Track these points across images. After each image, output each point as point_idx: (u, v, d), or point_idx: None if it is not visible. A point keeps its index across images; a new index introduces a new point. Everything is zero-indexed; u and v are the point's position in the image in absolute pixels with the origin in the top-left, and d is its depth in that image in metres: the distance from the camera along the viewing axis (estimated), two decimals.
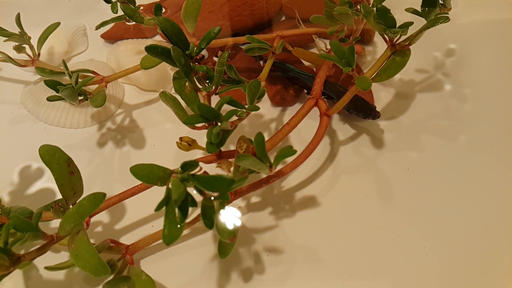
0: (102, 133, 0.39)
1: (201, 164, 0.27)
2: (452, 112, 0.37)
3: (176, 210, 0.26)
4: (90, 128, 0.39)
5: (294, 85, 0.39)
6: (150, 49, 0.31)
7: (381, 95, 0.38)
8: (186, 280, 0.31)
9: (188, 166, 0.27)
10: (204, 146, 0.32)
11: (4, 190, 0.36)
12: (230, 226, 0.27)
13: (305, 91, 0.39)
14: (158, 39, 0.44)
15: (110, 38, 0.44)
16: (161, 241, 0.32)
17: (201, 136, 0.32)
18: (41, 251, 0.28)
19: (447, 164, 0.35)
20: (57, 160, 0.30)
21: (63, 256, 0.33)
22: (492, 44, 0.40)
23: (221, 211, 0.28)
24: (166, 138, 0.38)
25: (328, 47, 0.40)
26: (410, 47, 0.34)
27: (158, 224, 0.34)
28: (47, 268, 0.28)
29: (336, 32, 0.37)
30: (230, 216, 0.28)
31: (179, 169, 0.27)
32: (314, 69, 0.41)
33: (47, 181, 0.36)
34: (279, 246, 0.32)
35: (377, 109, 0.37)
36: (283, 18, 0.45)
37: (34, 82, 0.41)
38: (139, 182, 0.35)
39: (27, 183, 0.36)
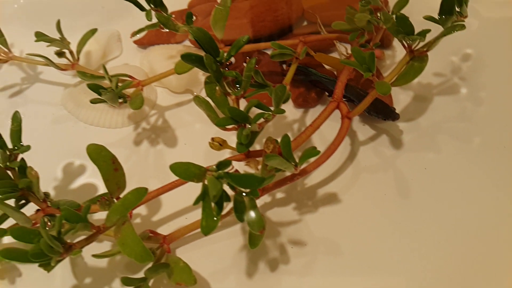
0: (138, 133, 0.42)
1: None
2: (468, 115, 0.39)
3: (212, 204, 0.30)
4: (127, 128, 0.43)
5: (315, 88, 0.42)
6: (185, 57, 0.34)
7: (400, 98, 0.41)
8: (218, 268, 0.35)
9: (222, 165, 0.30)
10: (233, 146, 0.35)
11: (49, 185, 0.40)
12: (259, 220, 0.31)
13: (327, 93, 0.42)
14: (188, 44, 0.48)
15: (143, 43, 0.48)
16: (195, 231, 0.36)
17: (228, 136, 0.35)
18: (89, 240, 0.32)
19: (463, 165, 0.37)
20: (103, 158, 0.33)
21: (103, 245, 0.37)
22: (506, 50, 0.42)
23: (251, 205, 0.31)
24: (196, 137, 0.42)
25: (349, 51, 0.43)
26: (428, 52, 0.36)
27: (191, 216, 0.37)
28: (94, 255, 0.32)
29: (357, 38, 0.40)
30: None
31: (213, 167, 0.31)
32: (335, 73, 0.44)
33: (89, 177, 0.40)
34: (303, 239, 0.35)
35: (396, 111, 0.40)
36: (305, 23, 0.48)
37: (73, 85, 0.45)
38: (173, 178, 0.39)
39: (70, 178, 0.40)
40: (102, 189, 0.39)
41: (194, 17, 0.48)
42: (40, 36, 0.44)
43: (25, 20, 0.53)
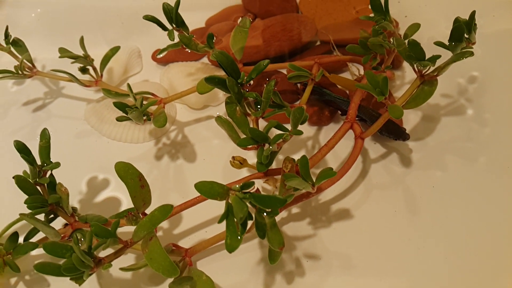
0: (159, 148, 0.44)
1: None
2: (474, 135, 0.41)
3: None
4: (148, 143, 0.44)
5: (329, 107, 0.44)
6: (208, 79, 0.36)
7: (410, 118, 0.42)
8: (237, 280, 0.36)
9: (246, 186, 0.32)
10: (250, 163, 0.37)
11: (74, 198, 0.41)
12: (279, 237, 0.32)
13: (339, 112, 0.44)
14: (205, 61, 0.49)
15: (162, 60, 0.49)
16: (215, 245, 0.37)
17: (245, 153, 0.37)
18: (118, 254, 0.34)
19: (468, 183, 0.38)
20: (131, 175, 0.35)
21: (127, 257, 0.38)
22: (511, 73, 0.44)
23: (272, 223, 0.32)
24: (214, 153, 0.43)
25: (361, 72, 0.44)
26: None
27: (211, 230, 0.39)
28: (122, 269, 0.33)
29: (369, 60, 0.42)
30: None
31: (236, 186, 0.32)
32: (347, 92, 0.45)
33: (113, 191, 0.41)
34: (317, 253, 0.37)
35: (406, 131, 0.41)
36: (318, 42, 0.49)
37: (96, 101, 0.47)
38: (193, 192, 0.40)
39: (94, 192, 0.41)
40: (125, 202, 0.41)
41: (215, 38, 0.49)
42: (64, 52, 0.45)
43: (45, 33, 0.54)
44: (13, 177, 0.34)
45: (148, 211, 0.36)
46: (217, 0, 0.54)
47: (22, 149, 0.35)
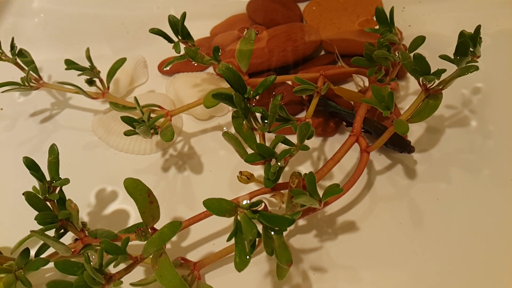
0: (166, 159, 0.44)
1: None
2: (477, 147, 0.41)
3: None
4: (155, 154, 0.44)
5: (334, 118, 0.44)
6: (216, 95, 0.36)
7: (414, 129, 0.42)
8: None
9: (254, 204, 0.32)
10: (256, 175, 0.37)
11: (83, 211, 0.41)
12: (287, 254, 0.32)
13: (344, 123, 0.44)
14: (210, 71, 0.49)
15: (168, 71, 0.49)
16: (223, 258, 0.38)
17: (251, 166, 0.37)
18: (128, 270, 0.34)
19: (472, 196, 0.39)
20: (140, 192, 0.35)
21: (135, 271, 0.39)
22: None
23: (279, 241, 0.32)
24: (220, 164, 0.43)
25: (366, 83, 0.44)
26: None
27: (218, 242, 0.39)
28: (132, 284, 0.34)
29: (374, 73, 0.41)
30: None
31: (244, 203, 0.32)
32: (352, 103, 0.45)
33: (121, 203, 0.41)
34: (324, 265, 0.37)
35: (411, 142, 0.41)
36: (323, 52, 0.49)
37: (103, 112, 0.46)
38: (200, 205, 0.41)
39: (103, 204, 0.41)
40: (133, 214, 0.41)
41: (221, 50, 0.49)
42: (70, 64, 0.45)
43: (50, 42, 0.54)
44: (23, 194, 0.34)
45: (156, 225, 0.36)
46: (221, 9, 0.54)
47: (31, 165, 0.35)
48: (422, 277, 0.36)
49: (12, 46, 0.45)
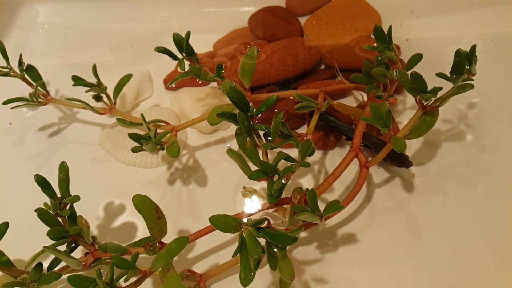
0: (171, 172, 0.45)
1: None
2: (473, 161, 0.42)
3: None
4: (161, 167, 0.45)
5: (334, 132, 0.45)
6: (220, 114, 0.37)
7: (412, 143, 0.43)
8: None
9: (259, 222, 0.33)
10: (259, 192, 0.38)
11: (92, 223, 0.42)
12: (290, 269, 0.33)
13: (344, 137, 0.45)
14: (214, 86, 0.50)
15: (172, 86, 0.50)
16: (228, 272, 0.39)
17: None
18: (137, 283, 0.35)
19: (467, 209, 0.40)
20: (148, 208, 0.36)
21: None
22: (510, 100, 0.45)
23: (283, 256, 0.34)
24: (224, 177, 0.44)
25: (365, 98, 0.45)
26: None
27: (223, 254, 0.40)
28: None
29: (373, 89, 0.42)
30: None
31: (249, 220, 0.33)
32: (352, 117, 0.46)
33: (129, 216, 0.42)
34: (325, 277, 0.38)
35: (409, 156, 0.42)
36: (323, 66, 0.50)
37: (110, 126, 0.47)
38: (206, 217, 0.42)
39: (111, 217, 0.42)
40: (141, 227, 0.42)
41: (225, 66, 0.50)
42: (77, 81, 0.46)
43: (56, 55, 0.55)
44: (35, 210, 0.35)
45: (164, 238, 0.37)
46: (224, 23, 0.55)
47: (42, 183, 0.36)
48: (419, 286, 0.37)
49: (20, 62, 0.46)
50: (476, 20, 0.51)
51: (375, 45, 0.42)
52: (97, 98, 0.45)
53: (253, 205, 0.41)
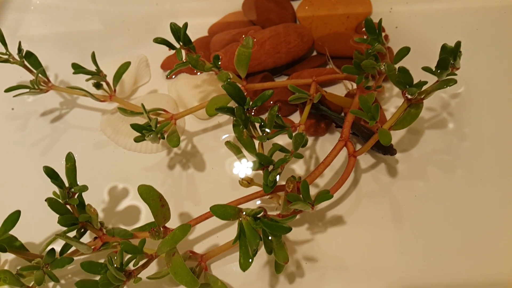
0: (171, 157, 0.46)
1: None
2: (453, 149, 0.44)
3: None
4: (161, 153, 0.47)
5: (325, 119, 0.46)
6: (219, 109, 0.38)
7: (397, 130, 0.45)
8: (245, 281, 0.40)
9: (256, 212, 0.35)
10: (253, 180, 0.40)
11: (98, 207, 0.43)
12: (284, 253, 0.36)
13: (334, 124, 0.47)
14: (211, 72, 0.50)
15: (170, 69, 0.51)
16: (227, 252, 0.42)
17: None
18: (144, 266, 0.37)
19: (446, 193, 0.42)
20: (152, 197, 0.38)
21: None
22: (491, 90, 0.47)
23: (278, 242, 0.36)
24: (221, 162, 0.46)
25: (355, 87, 0.47)
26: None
27: (222, 235, 0.42)
28: (149, 277, 0.37)
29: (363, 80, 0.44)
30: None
31: (247, 210, 0.36)
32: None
33: (132, 199, 0.44)
34: (315, 255, 0.41)
35: (393, 142, 0.44)
36: (314, 53, 0.51)
37: (111, 112, 0.48)
38: (205, 199, 0.44)
39: (116, 201, 0.44)
40: (144, 210, 0.44)
41: (221, 57, 0.50)
42: (77, 68, 0.46)
43: (54, 39, 0.55)
44: (46, 200, 0.37)
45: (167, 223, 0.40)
46: (219, 5, 0.54)
47: (51, 174, 0.38)
48: (400, 266, 0.40)
49: (20, 49, 0.46)
50: (462, 8, 0.52)
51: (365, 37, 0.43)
52: (97, 85, 0.46)
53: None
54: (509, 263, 0.40)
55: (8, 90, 0.45)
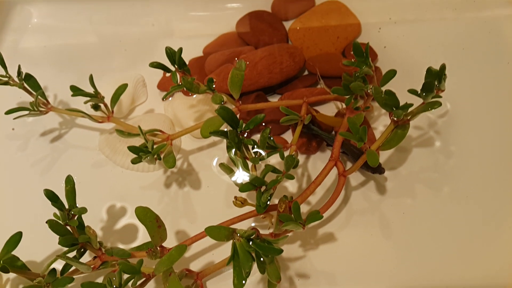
0: (167, 176, 0.48)
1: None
2: (440, 166, 0.45)
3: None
4: (158, 171, 0.48)
5: (316, 138, 0.48)
6: (214, 132, 0.39)
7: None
8: None
9: (249, 234, 0.36)
10: (247, 200, 0.41)
11: (96, 226, 0.45)
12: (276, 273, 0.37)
13: (325, 143, 0.48)
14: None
15: (166, 90, 0.52)
16: (222, 269, 0.43)
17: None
18: (142, 285, 0.39)
19: (433, 210, 0.44)
20: (149, 218, 0.39)
21: None
22: (477, 110, 0.48)
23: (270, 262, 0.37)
24: (216, 180, 0.47)
25: (344, 106, 0.48)
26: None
27: (217, 252, 0.44)
28: None
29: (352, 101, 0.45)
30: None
31: (241, 232, 0.37)
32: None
33: (130, 218, 0.45)
34: (307, 272, 0.42)
35: (382, 160, 0.45)
36: (306, 72, 0.52)
37: (109, 132, 0.49)
38: (200, 217, 0.45)
39: (113, 219, 0.45)
40: (141, 228, 0.45)
41: (215, 80, 0.51)
42: (76, 91, 0.47)
43: (52, 59, 0.56)
44: (47, 222, 0.38)
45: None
46: (214, 26, 0.56)
47: (51, 197, 0.39)
48: (390, 282, 0.41)
49: (19, 72, 0.47)
50: (448, 29, 0.53)
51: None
52: (95, 107, 0.47)
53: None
54: (492, 275, 0.41)
55: (8, 112, 0.46)
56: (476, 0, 0.54)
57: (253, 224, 0.45)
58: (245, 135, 0.47)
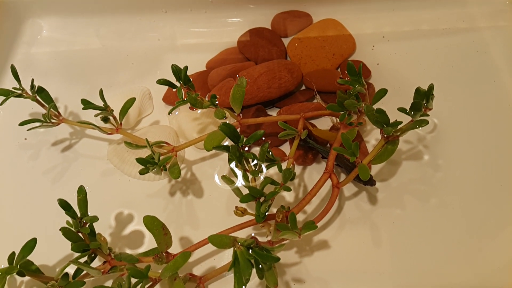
0: (172, 185, 0.50)
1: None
2: (427, 179, 0.48)
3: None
4: (163, 180, 0.50)
5: (312, 150, 0.50)
6: (217, 147, 0.42)
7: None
8: None
9: (249, 243, 0.39)
10: (247, 210, 0.43)
11: (105, 232, 0.47)
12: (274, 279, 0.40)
13: (321, 155, 0.50)
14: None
15: (171, 102, 0.54)
16: (223, 273, 0.45)
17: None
18: None
19: (421, 220, 0.46)
20: (156, 227, 0.41)
21: None
22: (464, 125, 0.50)
23: (268, 268, 0.40)
24: (218, 189, 0.49)
25: (339, 120, 0.51)
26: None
27: (218, 258, 0.46)
28: None
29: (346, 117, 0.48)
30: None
31: (241, 240, 0.39)
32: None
33: (137, 224, 0.48)
34: (302, 277, 0.45)
35: (373, 172, 0.48)
36: (303, 87, 0.55)
37: (117, 142, 0.52)
38: (203, 224, 0.48)
39: (122, 226, 0.48)
40: (148, 234, 0.47)
41: (218, 96, 0.53)
42: (86, 104, 0.49)
43: (62, 72, 0.58)
44: (60, 229, 0.40)
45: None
46: (217, 41, 0.58)
47: (64, 206, 0.41)
48: (379, 286, 0.44)
49: (32, 86, 0.49)
50: (439, 47, 0.55)
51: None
52: (105, 120, 0.49)
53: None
54: (476, 283, 0.44)
55: (22, 123, 0.48)
56: (465, 21, 0.56)
57: (253, 234, 0.47)
58: (245, 149, 0.50)
